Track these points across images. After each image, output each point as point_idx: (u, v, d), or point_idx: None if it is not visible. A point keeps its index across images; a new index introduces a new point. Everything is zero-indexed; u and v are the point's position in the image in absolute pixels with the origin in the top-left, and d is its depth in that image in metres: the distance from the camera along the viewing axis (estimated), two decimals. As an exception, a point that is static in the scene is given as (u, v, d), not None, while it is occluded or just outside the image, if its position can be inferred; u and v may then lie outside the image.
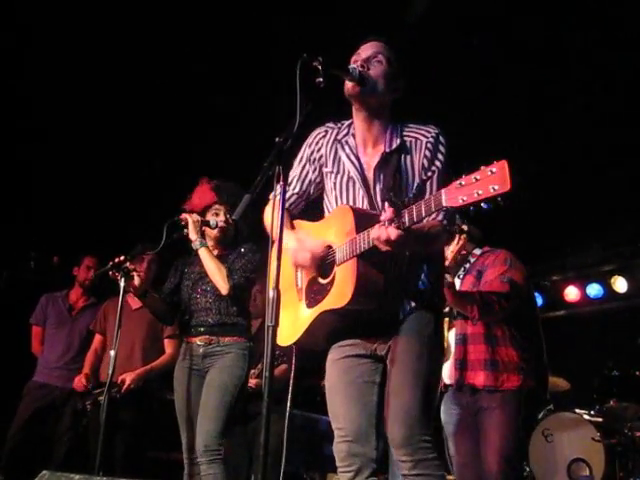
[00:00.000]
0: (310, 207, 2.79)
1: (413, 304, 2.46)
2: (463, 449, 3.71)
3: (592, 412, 4.81)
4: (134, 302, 4.76)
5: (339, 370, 2.54)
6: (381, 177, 2.49)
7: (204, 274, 3.84)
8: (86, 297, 5.54)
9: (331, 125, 2.66)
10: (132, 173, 6.28)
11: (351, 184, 2.54)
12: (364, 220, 2.34)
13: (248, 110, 5.83)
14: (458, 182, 2.01)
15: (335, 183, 2.58)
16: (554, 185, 6.35)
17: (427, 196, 2.34)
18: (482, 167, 2.02)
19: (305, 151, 2.70)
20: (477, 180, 1.97)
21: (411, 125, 2.56)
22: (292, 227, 2.69)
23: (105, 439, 3.65)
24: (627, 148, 5.83)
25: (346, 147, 2.57)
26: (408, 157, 2.50)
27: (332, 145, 2.62)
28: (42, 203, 6.33)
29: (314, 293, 2.50)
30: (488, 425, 3.59)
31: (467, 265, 3.92)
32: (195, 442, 3.64)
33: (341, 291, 2.36)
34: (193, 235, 3.79)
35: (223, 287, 3.73)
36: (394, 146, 2.50)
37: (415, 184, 2.48)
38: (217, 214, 3.92)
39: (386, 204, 2.23)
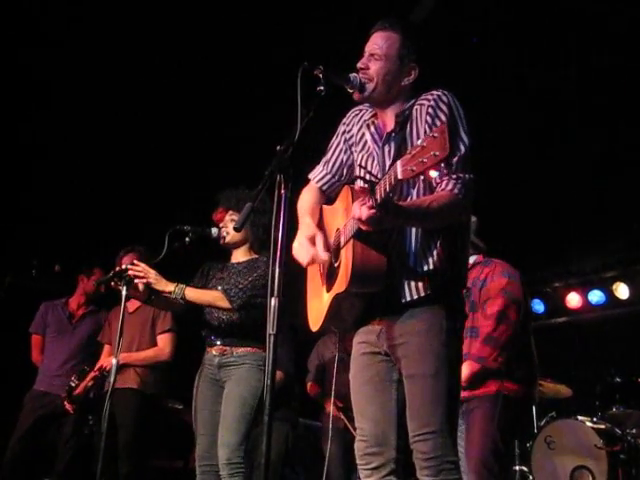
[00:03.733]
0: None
1: (421, 287, 2.31)
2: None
3: (595, 419, 4.79)
4: (131, 305, 4.76)
5: (357, 368, 2.50)
6: (390, 153, 2.43)
7: (218, 284, 3.85)
8: (86, 305, 5.54)
9: (367, 106, 2.61)
10: (133, 181, 6.30)
11: (370, 161, 2.50)
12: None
13: (250, 119, 5.84)
14: (410, 151, 1.94)
15: (357, 161, 2.57)
16: (556, 191, 6.35)
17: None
18: (429, 133, 1.98)
19: (340, 129, 2.68)
20: (423, 148, 1.90)
21: (425, 93, 2.44)
22: (315, 214, 2.63)
23: (107, 447, 3.64)
24: (628, 154, 5.84)
25: (372, 126, 2.54)
26: (414, 127, 2.40)
27: (361, 125, 2.59)
28: (44, 211, 6.34)
29: (330, 277, 2.48)
30: (467, 427, 3.60)
31: None
32: (204, 450, 3.65)
33: (343, 274, 2.33)
34: (166, 288, 3.69)
35: (226, 307, 3.73)
36: (399, 122, 2.43)
37: None
38: (233, 220, 3.90)
39: (361, 182, 2.15)
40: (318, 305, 2.57)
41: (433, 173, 1.95)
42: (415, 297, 2.32)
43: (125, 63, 5.57)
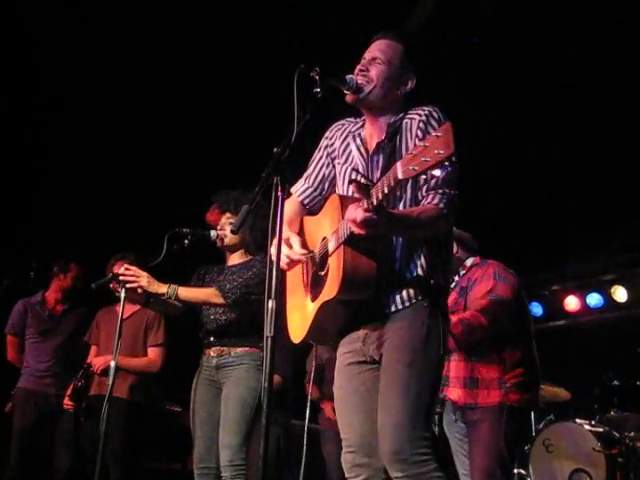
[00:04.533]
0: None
1: (405, 293, 2.34)
2: (460, 461, 3.72)
3: (593, 422, 4.79)
4: (124, 311, 4.75)
5: (343, 378, 2.48)
6: (379, 164, 2.45)
7: (216, 281, 3.85)
8: (64, 302, 5.43)
9: (350, 119, 2.64)
10: (132, 184, 6.30)
11: (354, 173, 2.50)
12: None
13: (246, 121, 5.85)
14: (411, 152, 1.96)
15: (341, 172, 2.57)
16: (554, 194, 6.36)
17: (421, 182, 2.32)
18: (432, 132, 2.02)
19: (322, 143, 2.69)
20: (426, 147, 1.91)
21: (415, 108, 2.48)
22: (293, 224, 2.64)
23: (103, 450, 3.62)
24: (626, 157, 5.84)
25: (357, 139, 2.55)
26: (403, 140, 2.43)
27: (345, 138, 2.60)
28: (43, 213, 6.35)
29: (315, 286, 2.47)
30: (472, 439, 3.60)
31: (455, 277, 3.82)
32: (202, 452, 3.66)
33: (332, 282, 2.32)
34: (159, 289, 3.69)
35: (220, 303, 3.74)
36: (389, 133, 2.45)
37: None
38: (231, 223, 3.90)
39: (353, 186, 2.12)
40: (301, 316, 2.55)
41: (437, 172, 1.97)
42: (400, 307, 2.34)
43: (124, 66, 5.58)
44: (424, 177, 2.30)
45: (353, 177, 2.48)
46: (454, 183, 2.34)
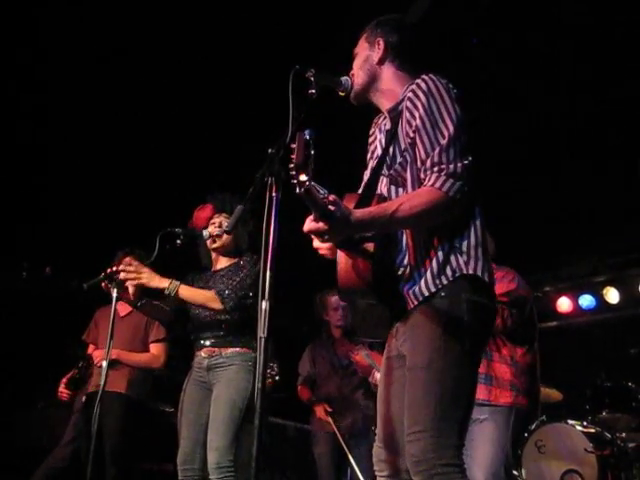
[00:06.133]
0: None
1: (418, 288, 2.16)
2: None
3: (585, 423, 4.80)
4: (122, 309, 4.73)
5: (382, 372, 2.39)
6: (389, 154, 2.34)
7: (204, 288, 3.85)
8: None
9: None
10: (124, 184, 6.28)
11: (371, 165, 2.46)
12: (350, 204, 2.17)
13: (241, 122, 5.84)
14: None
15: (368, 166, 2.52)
16: (546, 196, 6.37)
17: (419, 164, 2.18)
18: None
19: (369, 142, 2.60)
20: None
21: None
22: None
23: (96, 450, 3.61)
24: (622, 159, 5.87)
25: (382, 131, 2.49)
26: (402, 120, 2.27)
27: (375, 132, 2.54)
28: (35, 213, 6.32)
29: None
30: (476, 437, 3.61)
31: None
32: (186, 453, 3.64)
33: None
34: (160, 284, 3.65)
35: (218, 308, 3.72)
36: (392, 119, 2.36)
37: (400, 152, 2.27)
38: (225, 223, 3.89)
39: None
40: None
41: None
42: (416, 302, 2.18)
43: (122, 69, 5.56)
44: (419, 158, 2.17)
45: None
46: (458, 153, 2.14)
